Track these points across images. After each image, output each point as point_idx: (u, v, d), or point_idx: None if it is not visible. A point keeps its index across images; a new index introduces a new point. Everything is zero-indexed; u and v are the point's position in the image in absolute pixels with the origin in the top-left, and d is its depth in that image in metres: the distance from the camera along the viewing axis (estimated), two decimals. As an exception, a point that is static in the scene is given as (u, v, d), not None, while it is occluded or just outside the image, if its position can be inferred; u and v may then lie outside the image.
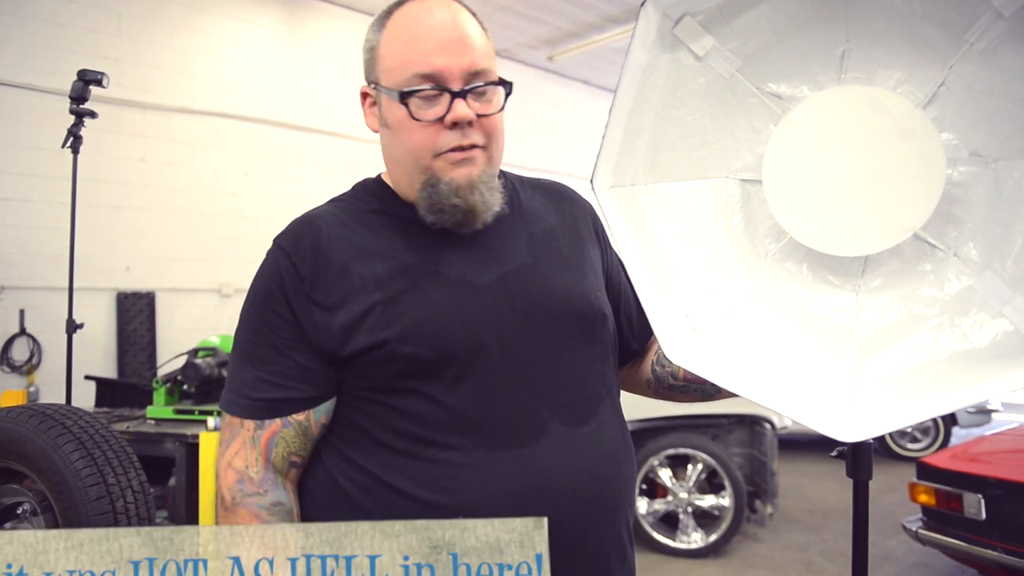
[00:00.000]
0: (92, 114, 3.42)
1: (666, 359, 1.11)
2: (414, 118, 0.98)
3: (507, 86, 1.03)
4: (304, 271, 1.01)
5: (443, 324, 0.99)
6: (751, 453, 4.57)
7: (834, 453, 1.15)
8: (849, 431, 0.90)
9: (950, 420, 6.80)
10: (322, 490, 1.03)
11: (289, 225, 1.07)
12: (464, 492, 0.95)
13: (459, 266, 1.03)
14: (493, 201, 1.03)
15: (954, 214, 0.96)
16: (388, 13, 1.04)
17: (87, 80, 3.37)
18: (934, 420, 6.82)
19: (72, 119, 3.41)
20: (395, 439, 0.98)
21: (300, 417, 1.02)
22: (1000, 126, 0.92)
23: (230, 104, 6.49)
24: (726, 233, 1.08)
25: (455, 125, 0.98)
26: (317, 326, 0.99)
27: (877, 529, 4.57)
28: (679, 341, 0.99)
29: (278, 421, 1.01)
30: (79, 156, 3.45)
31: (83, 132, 3.45)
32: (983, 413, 6.79)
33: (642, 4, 0.96)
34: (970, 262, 0.95)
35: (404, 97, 0.98)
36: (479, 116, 1.00)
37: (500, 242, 1.08)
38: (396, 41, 1.00)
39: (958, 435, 7.00)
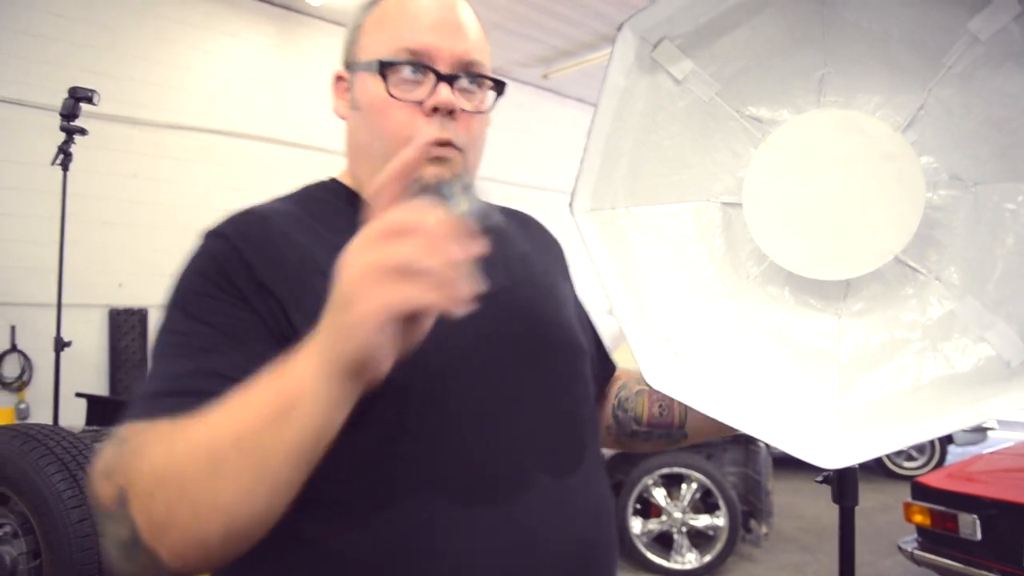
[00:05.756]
0: (82, 131, 3.42)
1: (628, 404, 1.07)
2: (392, 95, 0.85)
3: (499, 87, 0.92)
4: (250, 256, 0.81)
5: (411, 356, 0.74)
6: (745, 472, 4.54)
7: (819, 479, 1.14)
8: (833, 457, 0.88)
9: (946, 438, 6.76)
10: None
11: (224, 217, 0.88)
12: (437, 559, 0.77)
13: None
14: None
15: (935, 238, 0.95)
16: None
17: (78, 97, 3.37)
18: (929, 438, 6.78)
19: (62, 136, 3.41)
20: (346, 492, 0.77)
21: None
22: (979, 149, 0.92)
23: (221, 120, 6.48)
24: (707, 256, 1.07)
25: (435, 111, 0.85)
26: (275, 315, 0.79)
27: (872, 549, 4.54)
28: (660, 366, 0.98)
29: None
30: (70, 172, 3.44)
31: (74, 148, 3.44)
32: (979, 431, 6.77)
33: (619, 28, 0.95)
34: (952, 286, 0.95)
35: (384, 68, 0.85)
36: (463, 112, 0.87)
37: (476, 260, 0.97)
38: (386, 16, 0.89)
39: (954, 453, 6.98)
